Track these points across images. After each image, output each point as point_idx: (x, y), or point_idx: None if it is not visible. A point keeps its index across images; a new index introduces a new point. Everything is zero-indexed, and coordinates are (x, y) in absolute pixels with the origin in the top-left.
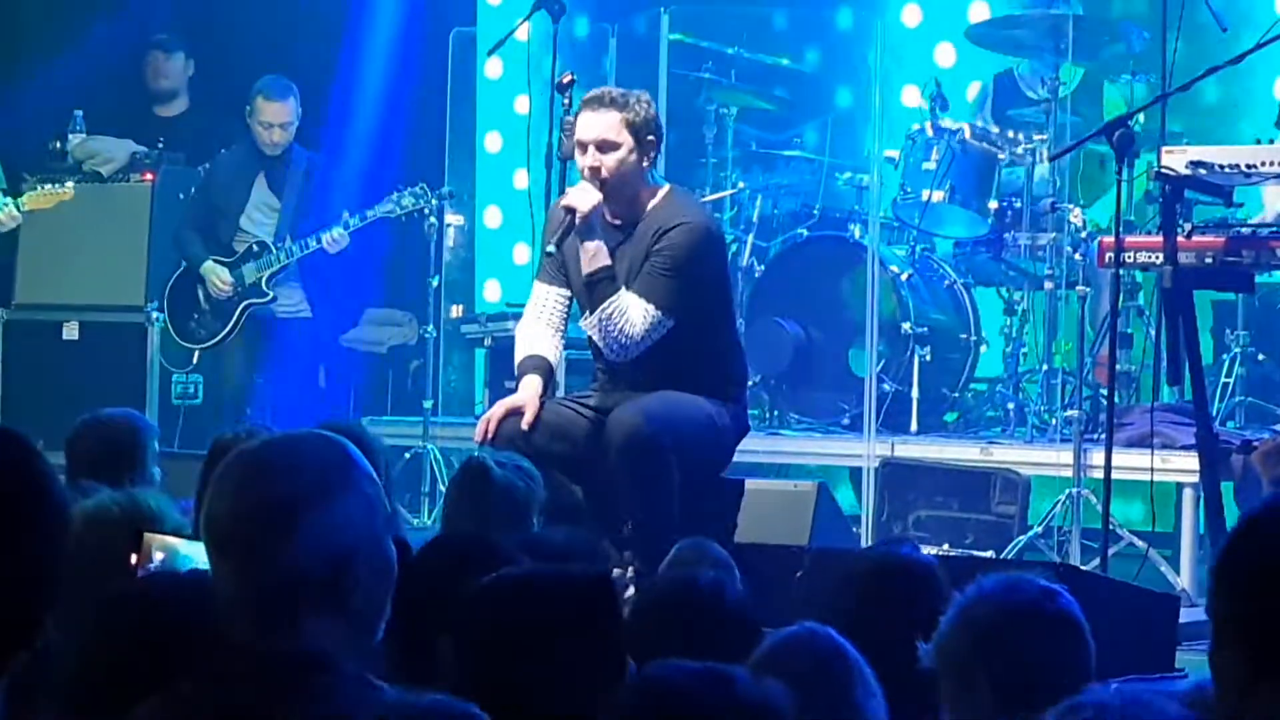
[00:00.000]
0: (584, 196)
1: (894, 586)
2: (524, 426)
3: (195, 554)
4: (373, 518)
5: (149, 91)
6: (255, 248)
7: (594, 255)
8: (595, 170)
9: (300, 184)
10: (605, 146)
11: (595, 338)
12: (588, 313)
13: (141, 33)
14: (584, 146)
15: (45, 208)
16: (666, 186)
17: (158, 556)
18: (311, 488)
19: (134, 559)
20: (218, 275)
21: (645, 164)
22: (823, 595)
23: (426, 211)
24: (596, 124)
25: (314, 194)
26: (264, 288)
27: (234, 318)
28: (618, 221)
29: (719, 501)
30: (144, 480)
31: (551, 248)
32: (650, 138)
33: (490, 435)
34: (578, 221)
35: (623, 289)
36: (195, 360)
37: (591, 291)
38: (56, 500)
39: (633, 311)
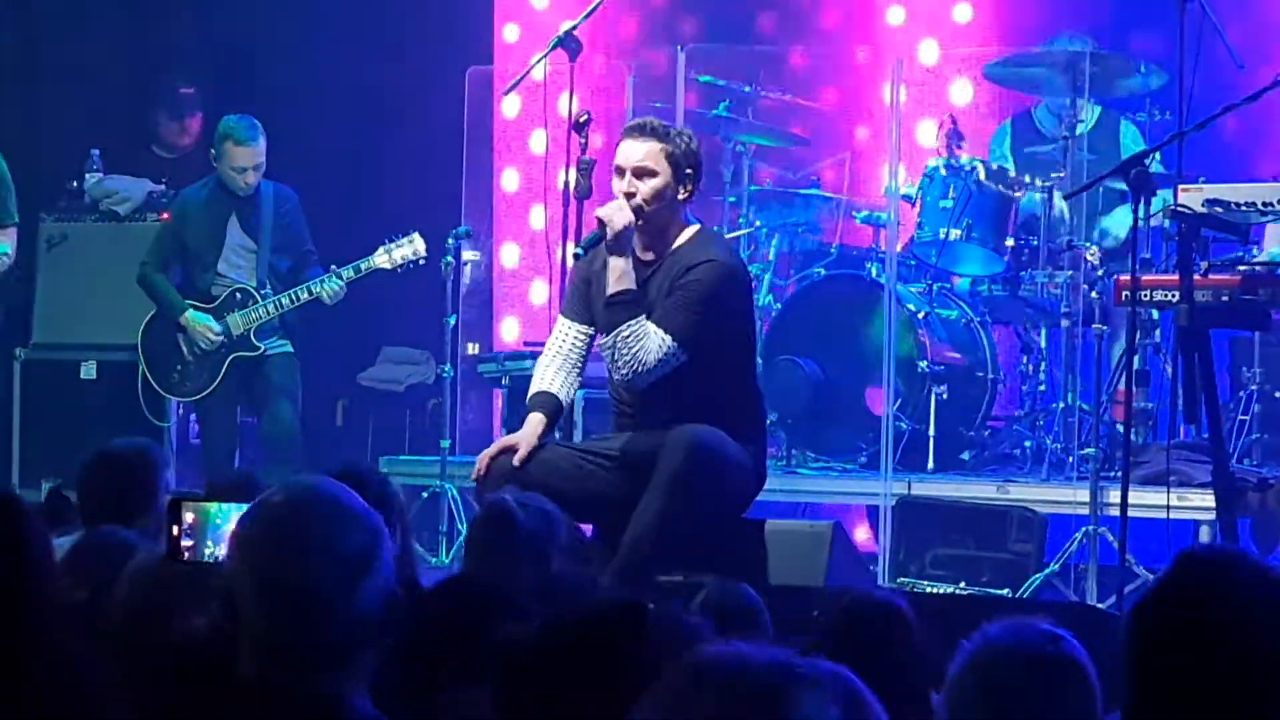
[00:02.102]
0: (619, 212)
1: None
2: (515, 463)
3: (226, 515)
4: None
5: (161, 141)
6: (238, 295)
7: (620, 275)
8: (630, 196)
9: (272, 223)
10: (643, 173)
11: (607, 359)
12: (604, 333)
13: (153, 74)
14: (621, 172)
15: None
16: (696, 225)
17: (188, 518)
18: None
19: (175, 530)
20: (206, 326)
21: (681, 196)
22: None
23: (422, 263)
24: (637, 150)
25: (288, 230)
26: (253, 340)
27: (222, 370)
28: (648, 256)
29: (744, 544)
30: (157, 514)
31: (579, 249)
32: (689, 171)
33: (484, 472)
34: (608, 236)
35: (643, 316)
36: (179, 411)
37: (611, 312)
38: (39, 565)
39: (649, 339)
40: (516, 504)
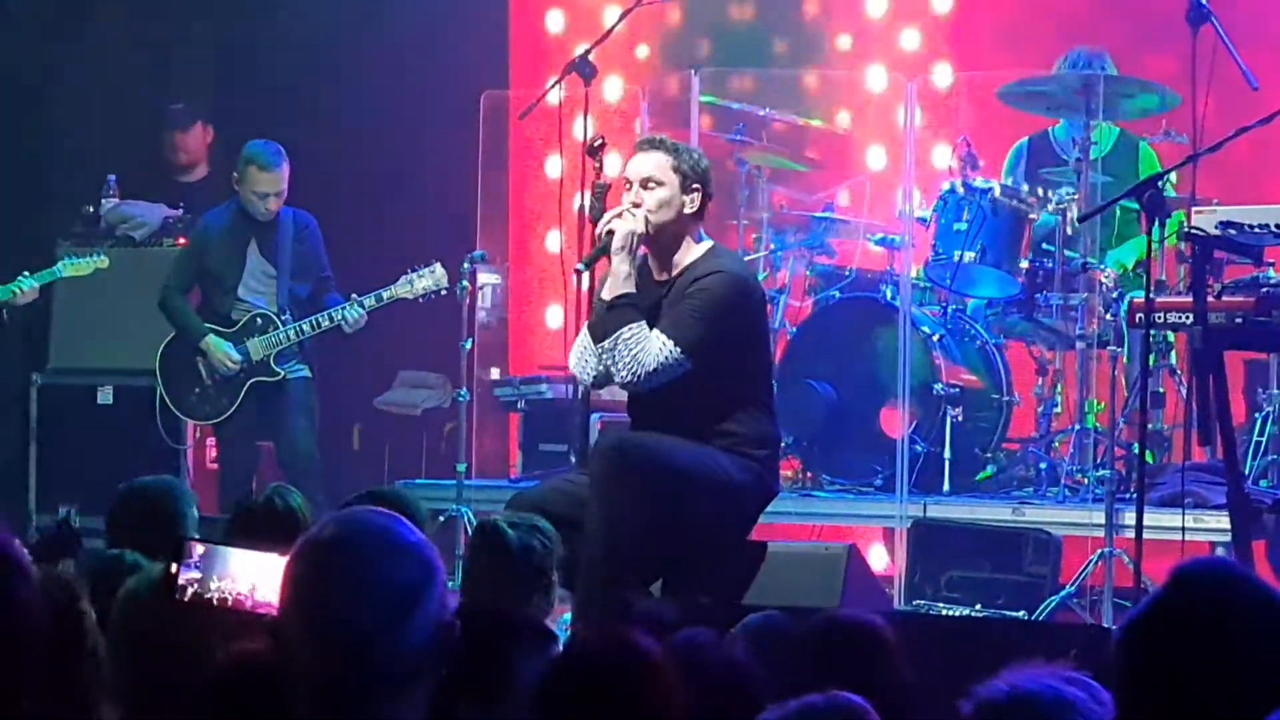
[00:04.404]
0: (623, 221)
1: (838, 653)
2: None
3: (230, 556)
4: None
5: (167, 163)
6: (259, 320)
7: (624, 279)
8: (637, 206)
9: (291, 248)
10: (649, 184)
11: (608, 362)
12: (604, 338)
13: (171, 99)
14: (629, 184)
15: (82, 275)
16: (710, 243)
17: (198, 550)
18: (424, 569)
19: (174, 568)
20: (225, 352)
21: (689, 210)
22: (772, 665)
23: (443, 293)
24: (644, 163)
25: (308, 256)
26: (272, 366)
27: (240, 395)
28: (662, 276)
29: (734, 562)
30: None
31: (581, 265)
32: (696, 187)
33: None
34: (613, 243)
35: (644, 321)
36: (196, 435)
37: (613, 315)
38: (21, 598)
39: (651, 343)
40: (507, 523)
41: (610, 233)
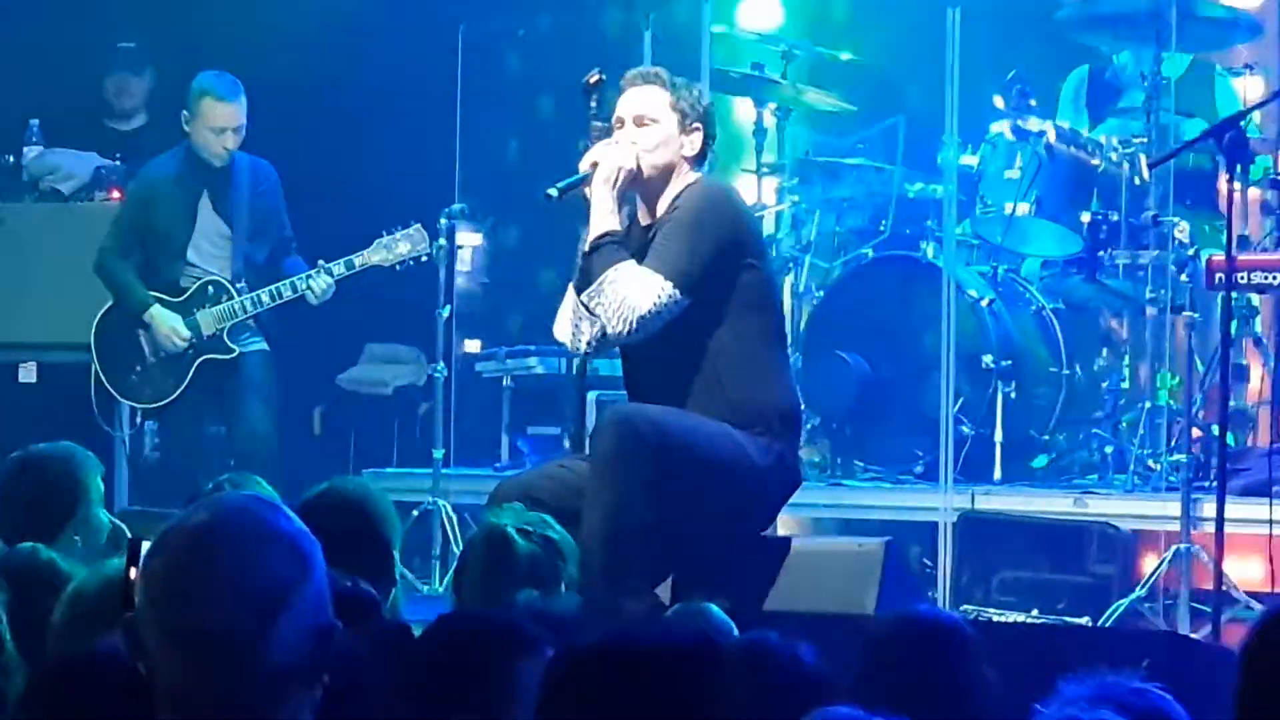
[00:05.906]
0: (612, 149)
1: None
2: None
3: None
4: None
5: (108, 108)
6: (210, 288)
7: (606, 215)
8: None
9: (248, 202)
10: (643, 121)
11: (597, 311)
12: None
13: (102, 37)
14: (621, 122)
15: None
16: (700, 176)
17: None
18: (296, 566)
19: (131, 573)
20: (171, 327)
21: (687, 154)
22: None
23: (424, 260)
24: (637, 99)
25: (266, 213)
26: (225, 341)
27: (188, 375)
28: (647, 220)
29: (754, 560)
30: (87, 527)
31: (553, 190)
32: (696, 126)
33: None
34: (598, 174)
35: (631, 260)
36: (136, 419)
37: (598, 257)
38: None
39: (636, 281)
40: (517, 530)
41: (595, 165)
